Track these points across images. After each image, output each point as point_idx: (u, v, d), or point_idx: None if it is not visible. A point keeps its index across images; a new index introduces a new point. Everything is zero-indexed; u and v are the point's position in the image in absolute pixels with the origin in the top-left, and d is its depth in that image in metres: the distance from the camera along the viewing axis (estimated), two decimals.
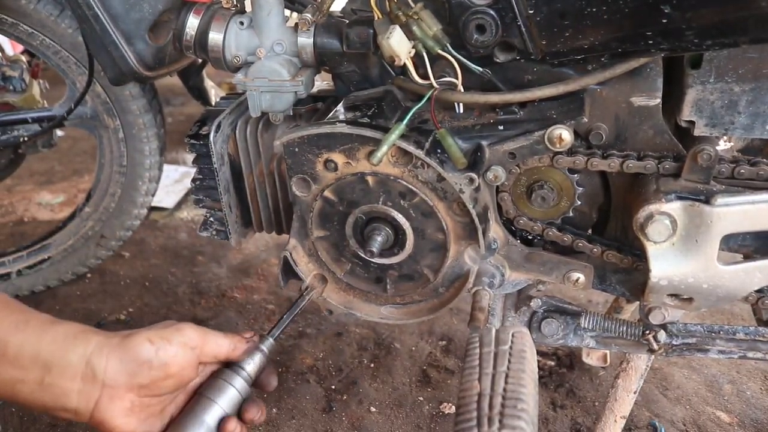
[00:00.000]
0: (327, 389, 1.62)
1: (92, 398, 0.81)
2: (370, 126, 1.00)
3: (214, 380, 0.90)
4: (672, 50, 0.85)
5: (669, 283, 0.98)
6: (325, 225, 1.13)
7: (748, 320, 1.83)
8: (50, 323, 0.83)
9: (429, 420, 1.53)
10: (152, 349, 0.83)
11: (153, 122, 1.77)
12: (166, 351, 0.84)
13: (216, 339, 0.91)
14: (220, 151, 1.15)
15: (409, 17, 0.94)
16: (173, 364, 0.84)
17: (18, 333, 0.80)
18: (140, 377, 0.82)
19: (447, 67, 0.99)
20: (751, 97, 0.92)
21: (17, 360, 0.79)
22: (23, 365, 0.79)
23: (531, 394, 0.83)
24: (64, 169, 2.84)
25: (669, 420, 1.52)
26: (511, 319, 1.18)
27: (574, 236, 1.08)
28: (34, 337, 0.81)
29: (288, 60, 1.06)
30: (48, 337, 0.81)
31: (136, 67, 1.12)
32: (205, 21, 1.09)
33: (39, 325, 0.82)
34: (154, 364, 0.83)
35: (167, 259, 2.19)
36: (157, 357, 0.83)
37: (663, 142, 0.98)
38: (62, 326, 0.83)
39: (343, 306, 1.22)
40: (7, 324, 0.80)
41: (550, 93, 0.95)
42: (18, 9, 1.56)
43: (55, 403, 0.81)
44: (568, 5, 0.85)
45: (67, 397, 0.80)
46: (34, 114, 1.76)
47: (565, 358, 1.70)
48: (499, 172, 1.01)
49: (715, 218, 0.92)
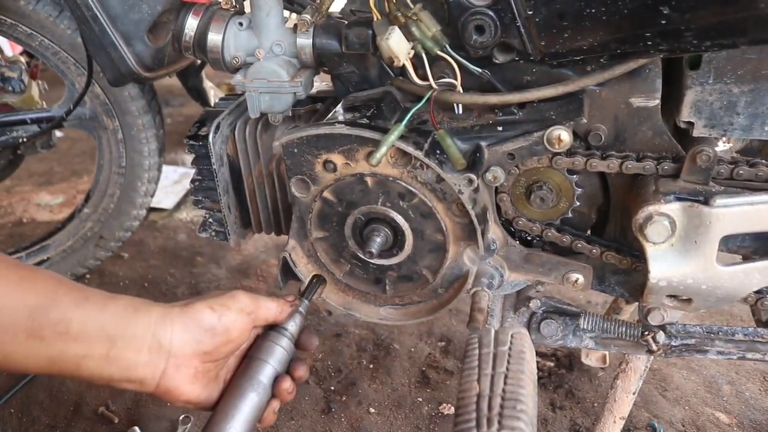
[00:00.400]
0: (326, 390, 1.62)
1: (159, 368, 0.84)
2: (369, 127, 1.00)
3: (263, 342, 0.94)
4: (671, 51, 0.85)
5: (668, 284, 0.99)
6: (324, 226, 1.13)
7: (747, 321, 1.83)
8: (109, 298, 0.85)
9: (428, 421, 1.53)
10: (215, 315, 0.87)
11: (152, 123, 1.77)
12: (227, 317, 0.88)
13: (266, 304, 0.95)
14: (219, 152, 1.15)
15: (408, 18, 0.94)
16: (234, 329, 0.89)
17: (79, 310, 0.81)
18: (205, 344, 0.86)
19: (446, 68, 0.99)
20: (750, 98, 0.92)
21: (81, 336, 0.80)
22: (88, 340, 0.81)
23: (530, 395, 0.83)
24: (63, 170, 2.84)
25: (668, 421, 1.52)
26: (510, 320, 1.18)
27: (573, 237, 1.08)
28: (95, 312, 0.82)
29: (287, 61, 1.06)
30: (110, 311, 0.83)
31: (135, 68, 1.12)
32: (204, 22, 1.09)
33: (99, 301, 0.83)
34: (218, 330, 0.87)
35: (166, 260, 2.18)
36: (221, 323, 0.88)
37: (662, 143, 0.99)
38: (122, 300, 0.85)
39: (342, 307, 1.22)
40: (66, 302, 0.81)
41: (549, 94, 0.95)
42: (17, 10, 1.56)
43: (121, 375, 0.82)
44: (567, 6, 0.85)
45: (134, 368, 0.82)
46: (33, 115, 1.76)
47: (564, 359, 1.70)
48: (498, 173, 1.01)
49: (714, 219, 0.92)
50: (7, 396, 1.57)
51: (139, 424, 1.50)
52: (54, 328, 0.81)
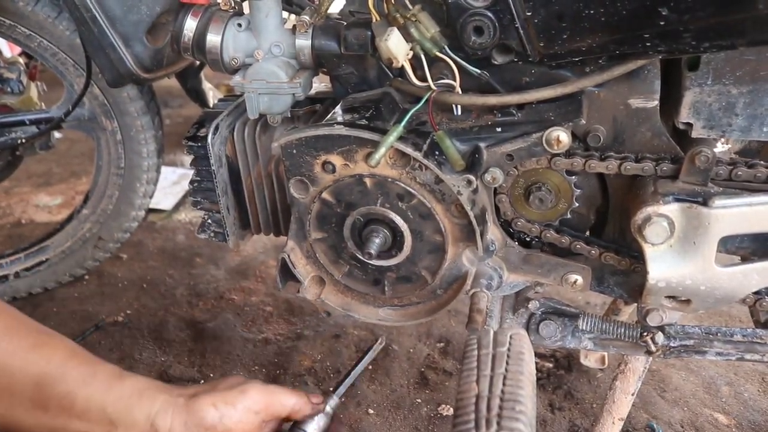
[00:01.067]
0: (325, 391, 1.62)
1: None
2: (368, 128, 1.00)
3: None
4: (670, 52, 0.86)
5: (667, 284, 0.99)
6: (323, 227, 1.13)
7: (746, 322, 1.83)
8: (117, 378, 0.86)
9: (427, 422, 1.52)
10: (217, 414, 0.85)
11: (151, 124, 1.77)
12: (230, 417, 0.86)
13: (281, 399, 0.91)
14: (218, 153, 1.15)
15: (407, 19, 0.94)
16: (237, 429, 0.86)
17: (85, 387, 0.83)
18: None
19: (445, 69, 0.99)
20: (749, 99, 0.92)
21: (85, 414, 0.82)
22: (90, 419, 0.82)
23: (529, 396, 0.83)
24: (62, 171, 2.84)
25: (667, 422, 1.52)
26: (509, 320, 1.18)
27: (572, 238, 1.08)
28: (100, 393, 0.83)
29: (286, 62, 1.06)
30: (115, 394, 0.84)
31: (133, 69, 1.12)
32: (202, 23, 1.09)
33: (106, 380, 0.84)
34: (218, 430, 0.85)
35: (165, 261, 2.18)
36: (222, 423, 0.85)
37: (661, 144, 0.99)
38: (129, 381, 0.86)
39: (341, 308, 1.22)
40: (75, 376, 0.83)
41: (547, 95, 0.96)
42: (16, 11, 1.56)
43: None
44: (566, 7, 0.85)
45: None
46: (32, 116, 1.75)
47: (563, 359, 1.70)
48: (497, 174, 1.01)
49: (712, 220, 0.92)
50: None
51: None
52: (59, 401, 0.82)
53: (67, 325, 1.85)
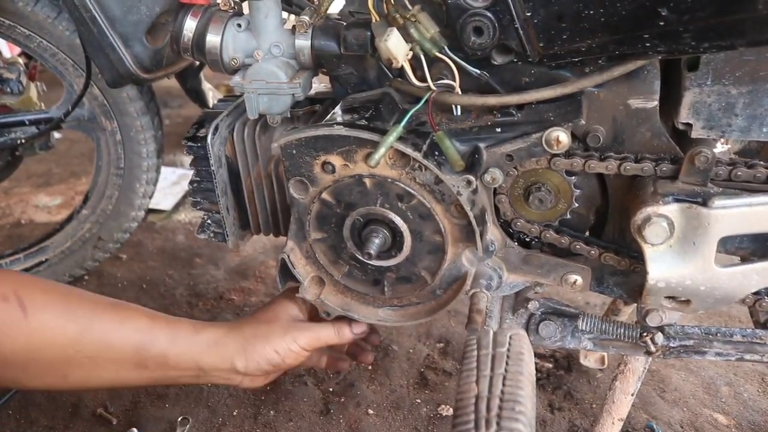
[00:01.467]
0: (324, 392, 1.62)
1: (235, 381, 1.15)
2: (368, 128, 1.00)
3: None
4: (669, 53, 0.86)
5: (666, 285, 0.99)
6: (323, 227, 1.13)
7: (746, 322, 1.84)
8: (194, 333, 1.11)
9: (427, 422, 1.52)
10: (278, 357, 1.14)
11: (150, 124, 1.77)
12: (287, 357, 1.15)
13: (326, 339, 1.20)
14: (217, 154, 1.15)
15: (407, 20, 0.94)
16: (295, 362, 1.17)
17: (173, 346, 1.07)
18: (271, 371, 1.17)
19: (444, 70, 0.99)
20: (748, 100, 0.92)
21: (178, 365, 1.09)
22: (183, 368, 1.09)
23: (529, 396, 0.83)
24: (62, 172, 2.84)
25: (666, 422, 1.52)
26: (509, 321, 1.18)
27: (571, 238, 1.08)
28: (186, 348, 1.09)
29: (285, 62, 1.06)
30: (196, 347, 1.10)
31: (133, 69, 1.12)
32: (202, 23, 1.09)
33: (187, 337, 1.09)
34: (282, 366, 1.16)
35: (165, 261, 2.18)
36: (284, 362, 1.15)
37: (660, 144, 0.99)
38: (204, 334, 1.11)
39: (340, 308, 1.22)
40: (163, 338, 1.07)
41: (547, 95, 0.96)
42: (15, 11, 1.56)
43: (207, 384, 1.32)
44: (566, 8, 0.85)
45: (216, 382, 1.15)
46: (32, 116, 1.75)
47: (563, 360, 1.70)
48: (496, 174, 1.01)
49: (712, 220, 0.92)
50: (6, 398, 1.57)
51: (137, 426, 1.49)
52: (155, 360, 1.06)
53: None
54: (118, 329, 1.03)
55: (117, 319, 1.04)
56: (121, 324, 1.04)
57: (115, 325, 1.03)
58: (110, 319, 1.03)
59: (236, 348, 1.11)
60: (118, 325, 1.03)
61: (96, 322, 1.02)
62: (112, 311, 1.05)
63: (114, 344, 1.02)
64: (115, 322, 1.03)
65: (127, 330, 1.04)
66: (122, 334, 1.03)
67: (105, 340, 1.02)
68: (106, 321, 1.03)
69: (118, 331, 1.03)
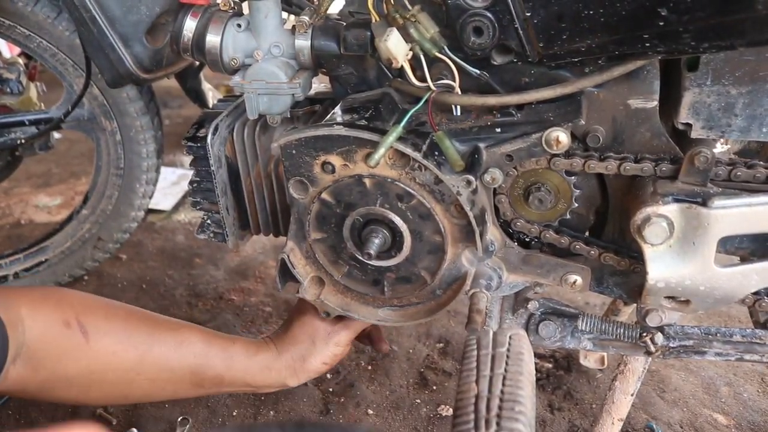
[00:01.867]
0: (324, 392, 1.62)
1: None
2: (368, 128, 1.00)
3: None
4: (669, 53, 0.86)
5: (666, 285, 0.99)
6: (323, 227, 1.13)
7: (745, 323, 1.84)
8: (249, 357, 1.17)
9: (426, 422, 1.52)
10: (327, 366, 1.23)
11: (150, 124, 1.77)
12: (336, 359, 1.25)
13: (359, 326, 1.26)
14: (217, 154, 1.15)
15: (407, 20, 0.94)
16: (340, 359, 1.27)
17: (228, 370, 1.15)
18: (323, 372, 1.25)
19: (444, 70, 0.99)
20: (748, 100, 0.92)
21: (232, 385, 1.18)
22: (236, 386, 1.20)
23: (528, 396, 0.83)
24: (62, 172, 2.84)
25: (666, 422, 1.52)
26: (509, 321, 1.18)
27: (571, 238, 1.08)
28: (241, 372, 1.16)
29: (285, 62, 1.06)
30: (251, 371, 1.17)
31: (133, 69, 1.12)
32: (202, 23, 1.09)
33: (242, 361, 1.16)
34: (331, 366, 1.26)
35: (164, 262, 2.18)
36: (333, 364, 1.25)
37: (660, 144, 0.99)
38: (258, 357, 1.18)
39: (340, 308, 1.22)
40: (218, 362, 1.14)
41: (547, 95, 0.96)
42: (15, 11, 1.56)
43: None
44: (565, 8, 0.85)
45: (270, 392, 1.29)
46: (31, 116, 1.75)
47: (563, 360, 1.70)
48: (496, 175, 1.01)
49: (712, 220, 0.92)
50: (5, 398, 1.57)
51: (137, 426, 1.49)
52: (211, 381, 1.14)
53: None
54: (176, 352, 1.10)
55: (174, 343, 1.11)
56: (178, 348, 1.11)
57: (172, 349, 1.10)
58: (168, 342, 1.10)
59: (288, 371, 1.19)
60: (175, 349, 1.10)
61: (155, 346, 1.08)
62: (170, 334, 1.11)
63: (173, 367, 1.10)
64: (172, 346, 1.10)
65: (184, 353, 1.11)
66: (180, 357, 1.10)
67: (164, 364, 1.09)
68: (164, 345, 1.09)
69: (176, 354, 1.10)
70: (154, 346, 1.08)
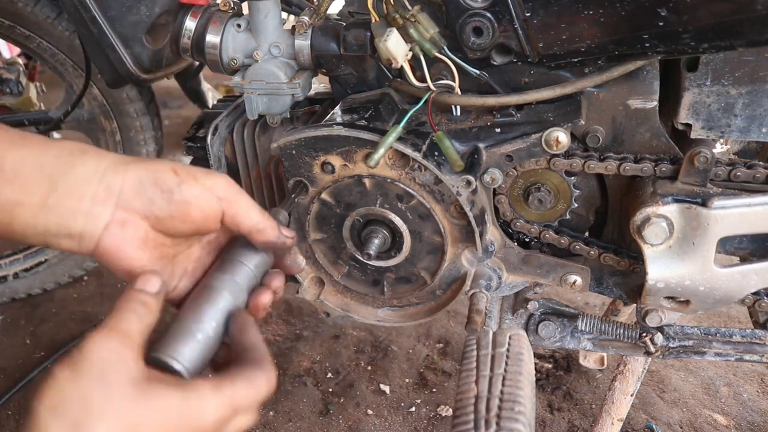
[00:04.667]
0: (324, 392, 1.62)
1: (101, 220, 0.69)
2: (368, 128, 1.00)
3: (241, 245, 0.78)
4: (668, 53, 0.86)
5: (666, 285, 0.99)
6: (323, 227, 1.13)
7: (745, 323, 1.84)
8: (54, 141, 0.71)
9: (426, 423, 1.52)
10: (176, 180, 0.72)
11: (150, 125, 1.77)
12: (189, 188, 0.73)
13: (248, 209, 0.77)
14: (217, 154, 1.15)
15: (406, 20, 0.94)
16: (195, 207, 0.73)
17: (15, 149, 0.68)
18: (158, 206, 0.71)
19: (444, 70, 0.99)
20: (748, 100, 0.92)
21: (17, 177, 0.67)
22: (24, 182, 0.67)
23: (528, 396, 0.83)
24: None
25: (666, 422, 1.52)
26: (509, 321, 1.18)
27: (571, 239, 1.08)
28: (36, 151, 0.68)
29: (285, 63, 1.06)
30: (52, 152, 0.69)
31: (133, 69, 1.12)
32: (202, 24, 1.09)
33: (40, 142, 0.70)
34: (175, 198, 0.72)
35: None
36: (179, 190, 0.72)
37: (660, 144, 0.99)
38: (69, 142, 0.71)
39: (340, 308, 1.22)
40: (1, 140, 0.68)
41: (547, 95, 0.96)
42: (15, 12, 1.56)
43: (59, 227, 0.68)
44: (565, 8, 0.85)
45: (73, 218, 0.68)
46: (31, 116, 1.76)
47: (563, 360, 1.70)
48: (496, 175, 1.01)
49: (711, 221, 0.92)
50: (5, 398, 1.57)
51: None
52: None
53: (66, 326, 1.85)
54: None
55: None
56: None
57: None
58: None
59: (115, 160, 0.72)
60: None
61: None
62: None
63: None
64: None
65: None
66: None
67: None
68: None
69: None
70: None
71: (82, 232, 0.69)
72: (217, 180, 0.76)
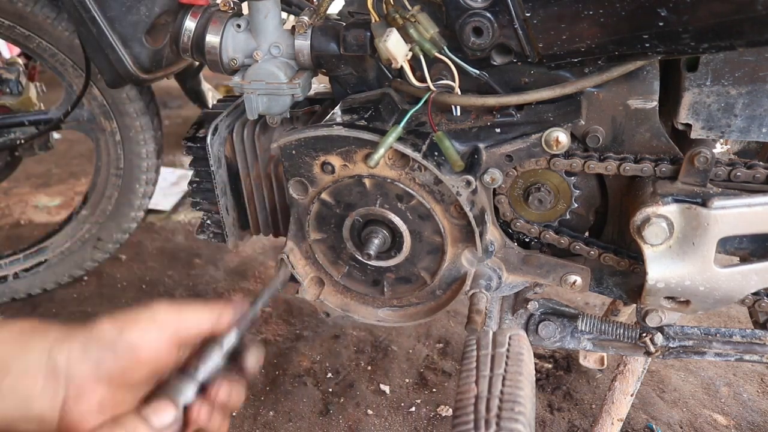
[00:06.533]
0: (324, 392, 1.62)
1: (57, 398, 0.68)
2: (368, 129, 1.00)
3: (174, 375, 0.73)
4: (669, 53, 0.86)
5: (666, 285, 0.99)
6: (323, 228, 1.13)
7: (745, 323, 1.84)
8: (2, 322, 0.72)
9: (426, 423, 1.52)
10: (115, 330, 0.70)
11: (150, 125, 1.77)
12: (131, 332, 0.70)
13: (193, 317, 0.75)
14: (217, 154, 1.15)
15: (406, 20, 0.94)
16: (143, 347, 0.71)
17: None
18: (107, 365, 0.69)
19: (444, 70, 0.99)
20: (748, 100, 0.92)
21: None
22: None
23: (528, 396, 0.83)
24: (61, 172, 2.84)
25: (666, 422, 1.52)
26: (508, 321, 1.18)
27: (571, 239, 1.08)
28: None
29: (285, 63, 1.06)
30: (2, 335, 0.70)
31: (133, 69, 1.12)
32: (201, 24, 1.09)
33: None
34: (119, 347, 0.70)
35: (164, 262, 2.18)
36: (122, 338, 0.70)
37: (660, 144, 0.99)
38: (15, 324, 0.71)
39: (340, 308, 1.22)
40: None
41: (547, 96, 0.96)
42: (15, 11, 1.56)
43: (18, 411, 0.67)
44: (565, 8, 0.85)
45: (30, 401, 0.67)
46: (31, 116, 1.75)
47: (563, 360, 1.70)
48: (496, 175, 1.01)
49: (711, 221, 0.92)
50: None
51: None
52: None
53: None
54: None
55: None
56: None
57: None
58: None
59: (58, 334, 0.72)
60: None
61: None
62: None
63: None
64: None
65: None
66: None
67: None
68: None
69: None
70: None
71: (42, 415, 0.68)
72: (155, 308, 0.74)
